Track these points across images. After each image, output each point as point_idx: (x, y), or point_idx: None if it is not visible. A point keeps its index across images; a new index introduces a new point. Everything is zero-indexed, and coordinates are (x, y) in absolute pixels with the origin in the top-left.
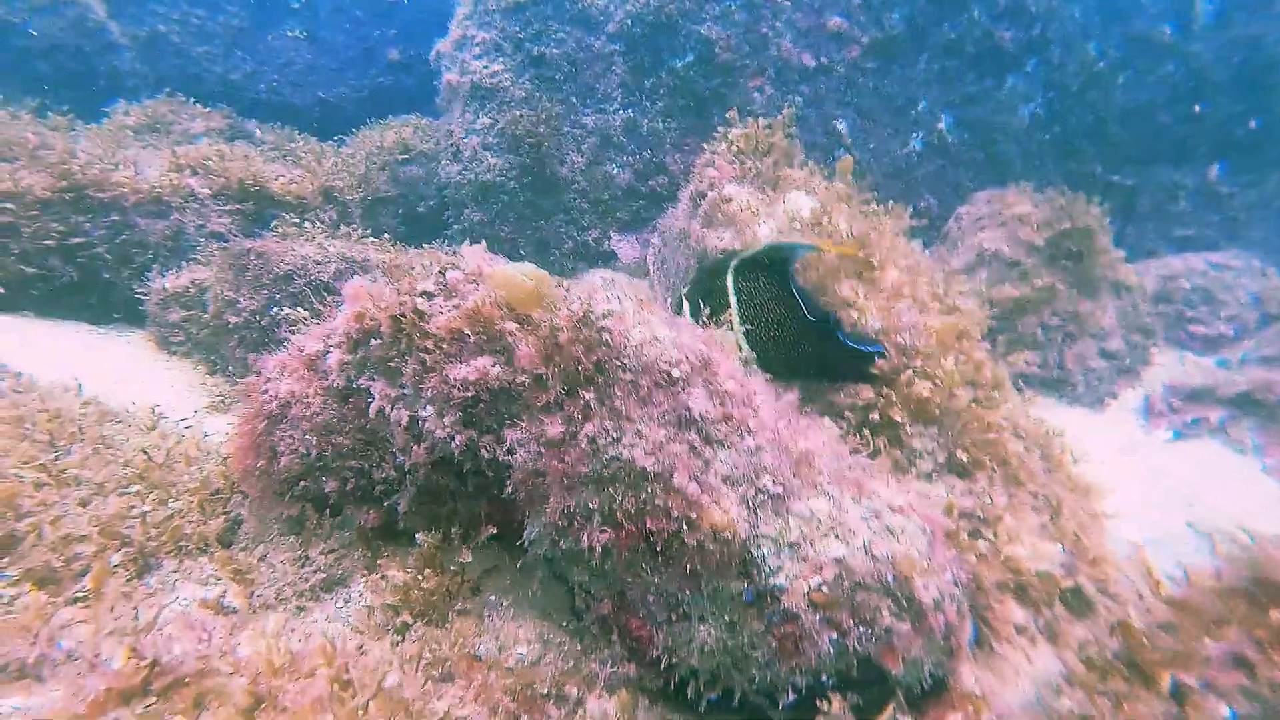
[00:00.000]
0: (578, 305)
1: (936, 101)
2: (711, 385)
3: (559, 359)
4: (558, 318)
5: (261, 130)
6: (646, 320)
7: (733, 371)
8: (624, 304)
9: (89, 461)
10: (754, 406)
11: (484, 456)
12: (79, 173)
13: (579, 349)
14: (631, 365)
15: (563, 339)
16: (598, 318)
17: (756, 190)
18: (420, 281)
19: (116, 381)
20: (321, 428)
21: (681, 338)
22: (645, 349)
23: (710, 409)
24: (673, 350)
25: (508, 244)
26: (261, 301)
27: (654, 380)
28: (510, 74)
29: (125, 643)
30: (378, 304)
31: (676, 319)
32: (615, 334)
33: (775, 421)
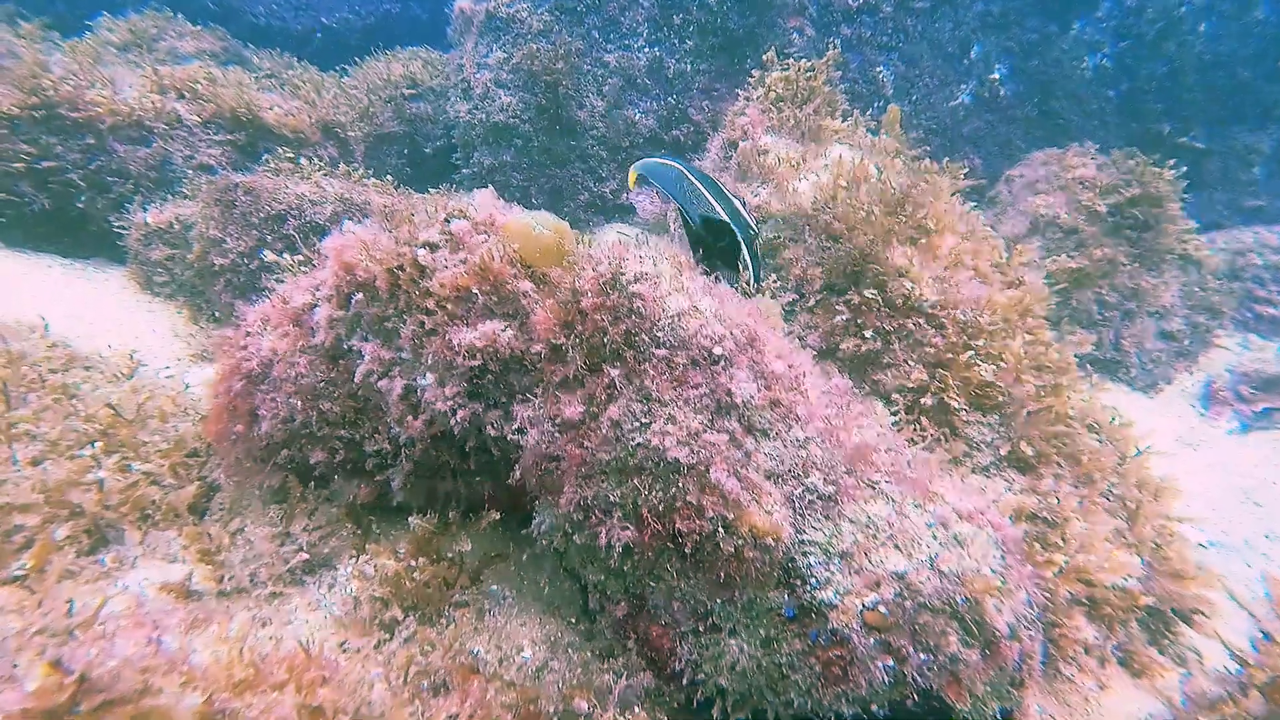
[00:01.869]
0: (605, 266)
1: (992, 48)
2: (757, 365)
3: (581, 328)
4: (581, 279)
5: (259, 56)
6: (684, 287)
7: (781, 349)
8: (659, 266)
9: (45, 415)
10: (803, 390)
11: (490, 434)
12: (50, 89)
13: (605, 317)
14: (666, 339)
15: (586, 304)
16: (628, 281)
17: (794, 141)
18: (422, 230)
19: (92, 323)
20: (308, 391)
21: (726, 309)
22: (683, 321)
23: (754, 393)
24: (715, 324)
25: (519, 192)
26: (251, 243)
27: (691, 358)
28: (528, 3)
29: (49, 651)
30: (372, 254)
31: (717, 286)
32: (648, 301)
33: (825, 408)
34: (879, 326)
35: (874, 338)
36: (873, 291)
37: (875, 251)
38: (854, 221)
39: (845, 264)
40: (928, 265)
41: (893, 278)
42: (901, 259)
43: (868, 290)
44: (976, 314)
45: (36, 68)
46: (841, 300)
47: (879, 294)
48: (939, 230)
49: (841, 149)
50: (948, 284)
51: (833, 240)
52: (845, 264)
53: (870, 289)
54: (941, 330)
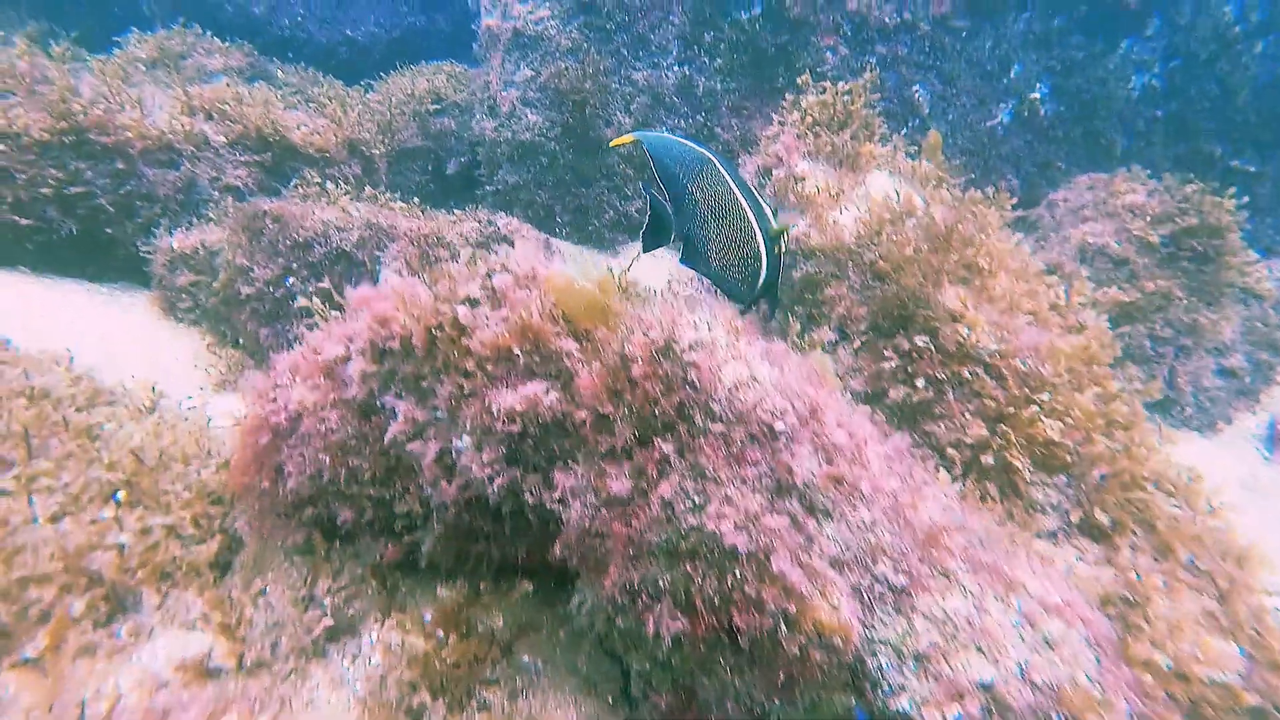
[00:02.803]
0: (658, 332)
1: (1033, 67)
2: (818, 438)
3: (630, 397)
4: (631, 344)
5: (284, 71)
6: (742, 354)
7: (841, 415)
8: (714, 331)
9: (68, 462)
10: (865, 462)
11: (528, 500)
12: (80, 113)
13: (656, 387)
14: (723, 413)
15: (636, 372)
16: (682, 350)
17: (832, 168)
18: (462, 285)
19: (116, 350)
20: (337, 447)
21: (786, 379)
22: (741, 393)
23: (816, 470)
24: (776, 396)
25: (543, 210)
26: (276, 271)
27: (750, 433)
28: (557, 21)
29: None
30: (410, 310)
31: (774, 347)
32: (704, 372)
33: (888, 478)
34: (931, 375)
35: (926, 387)
36: (924, 339)
37: (925, 294)
38: (900, 260)
39: (893, 306)
40: (981, 308)
41: (945, 322)
42: (954, 302)
43: (919, 337)
44: (1038, 364)
45: (67, 92)
46: (890, 345)
47: (931, 341)
48: (992, 270)
49: (881, 176)
50: (1005, 330)
51: (878, 279)
52: (893, 306)
53: (921, 336)
54: (1001, 381)
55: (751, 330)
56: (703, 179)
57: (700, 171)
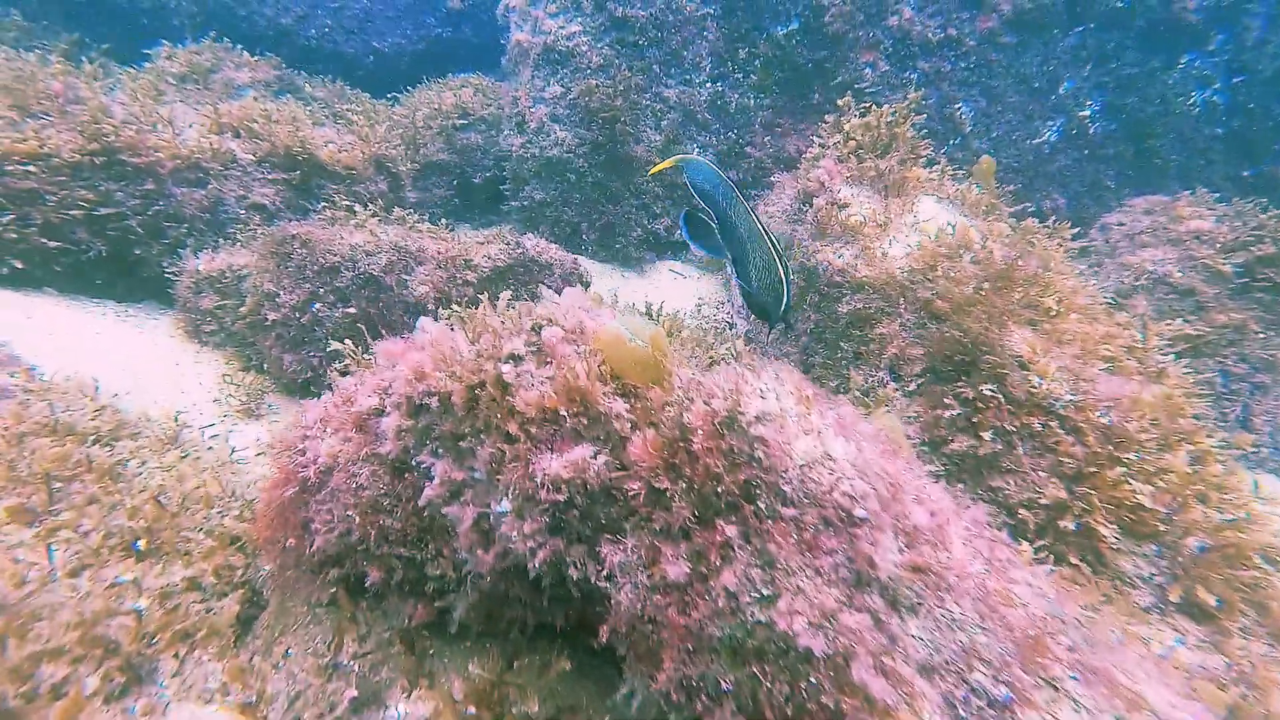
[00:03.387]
0: (720, 401)
1: (1085, 83)
2: (900, 522)
3: (690, 472)
4: (690, 414)
5: (311, 85)
6: (814, 428)
7: (919, 489)
8: (783, 402)
9: (90, 509)
10: (948, 544)
11: (572, 575)
12: (112, 134)
13: (719, 462)
14: (795, 495)
15: (697, 445)
16: (748, 422)
17: (876, 195)
18: (506, 340)
19: (141, 373)
20: (368, 505)
21: (864, 457)
22: (814, 473)
23: (899, 559)
24: (855, 478)
25: (570, 228)
26: (303, 296)
27: (824, 517)
28: (588, 37)
29: None
30: (450, 366)
31: (844, 414)
32: (773, 448)
33: (973, 561)
34: (999, 426)
35: (994, 439)
36: (991, 387)
37: (990, 338)
38: (961, 300)
39: (953, 349)
40: (1052, 354)
41: (1012, 369)
42: (1021, 346)
43: (985, 385)
44: (1121, 418)
45: (99, 113)
46: (950, 392)
47: (998, 389)
48: (1061, 311)
49: (929, 203)
50: (1080, 378)
51: (934, 319)
52: (953, 349)
53: (988, 384)
54: (1079, 436)
55: (821, 398)
56: (736, 206)
57: (735, 199)
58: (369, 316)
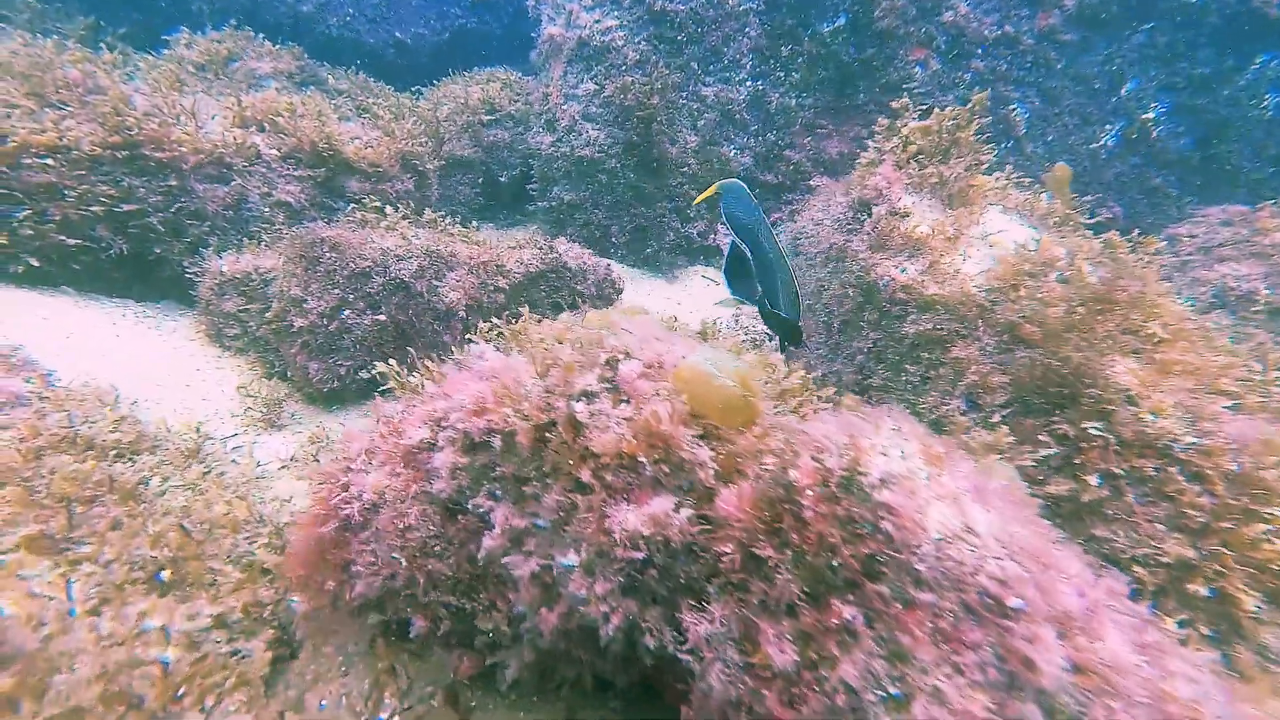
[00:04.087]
0: (835, 458)
1: (1149, 84)
2: (1053, 607)
3: (798, 538)
4: (798, 470)
5: (334, 76)
6: (950, 494)
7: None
8: (910, 461)
9: (112, 537)
10: (1103, 632)
11: (647, 644)
12: (135, 127)
13: (834, 531)
14: (930, 575)
15: (809, 512)
16: (871, 484)
17: (938, 203)
18: (579, 376)
19: (161, 382)
20: (416, 548)
21: (1010, 529)
22: (954, 550)
23: (1062, 659)
24: (1004, 557)
25: (599, 230)
26: (332, 302)
27: (966, 603)
28: (625, 32)
29: None
30: (516, 403)
31: (980, 477)
32: (903, 518)
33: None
34: (1104, 469)
35: (1100, 484)
36: (1099, 425)
37: (1092, 369)
38: (1053, 325)
39: (1048, 380)
40: (1162, 386)
41: (1119, 404)
42: (1127, 378)
43: (1090, 423)
44: (1255, 465)
45: (120, 104)
46: (1045, 427)
47: (1106, 428)
48: (1170, 338)
49: (996, 214)
50: (1200, 416)
51: (1021, 344)
52: (1048, 380)
53: (1093, 421)
54: (1204, 484)
55: (952, 455)
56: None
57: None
58: (398, 324)
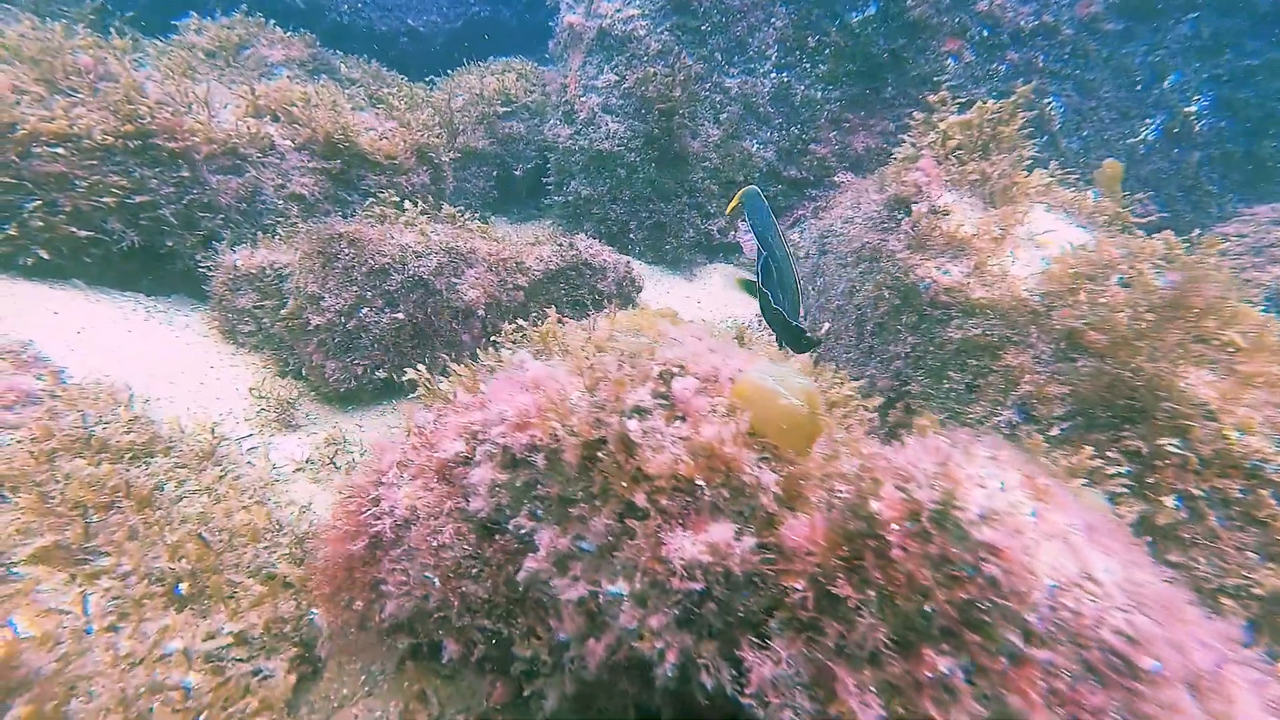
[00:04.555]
0: (925, 491)
1: (1193, 77)
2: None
3: (881, 578)
4: (880, 501)
5: (347, 65)
6: (1060, 533)
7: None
8: (1011, 495)
9: (129, 547)
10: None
11: (704, 683)
12: (147, 115)
13: (926, 571)
14: (1043, 629)
15: (896, 550)
16: (969, 521)
17: (978, 201)
18: (630, 390)
19: (174, 380)
20: (450, 567)
21: (1135, 576)
22: (1069, 599)
23: None
24: (1131, 610)
25: (617, 226)
26: (350, 300)
27: (1088, 662)
28: (647, 21)
29: None
30: (562, 417)
31: (1092, 516)
32: (1009, 559)
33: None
34: (1184, 490)
35: (1178, 506)
36: (1176, 442)
37: (1165, 380)
38: (1121, 332)
39: (1115, 392)
40: (1245, 401)
41: (1197, 419)
42: (1206, 391)
43: (1165, 439)
44: None
45: (133, 91)
46: (1114, 443)
47: (1183, 444)
48: (1253, 347)
49: (1041, 213)
50: None
51: (1082, 353)
52: (1115, 392)
53: (1170, 437)
54: None
55: (1059, 488)
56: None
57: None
58: (416, 323)
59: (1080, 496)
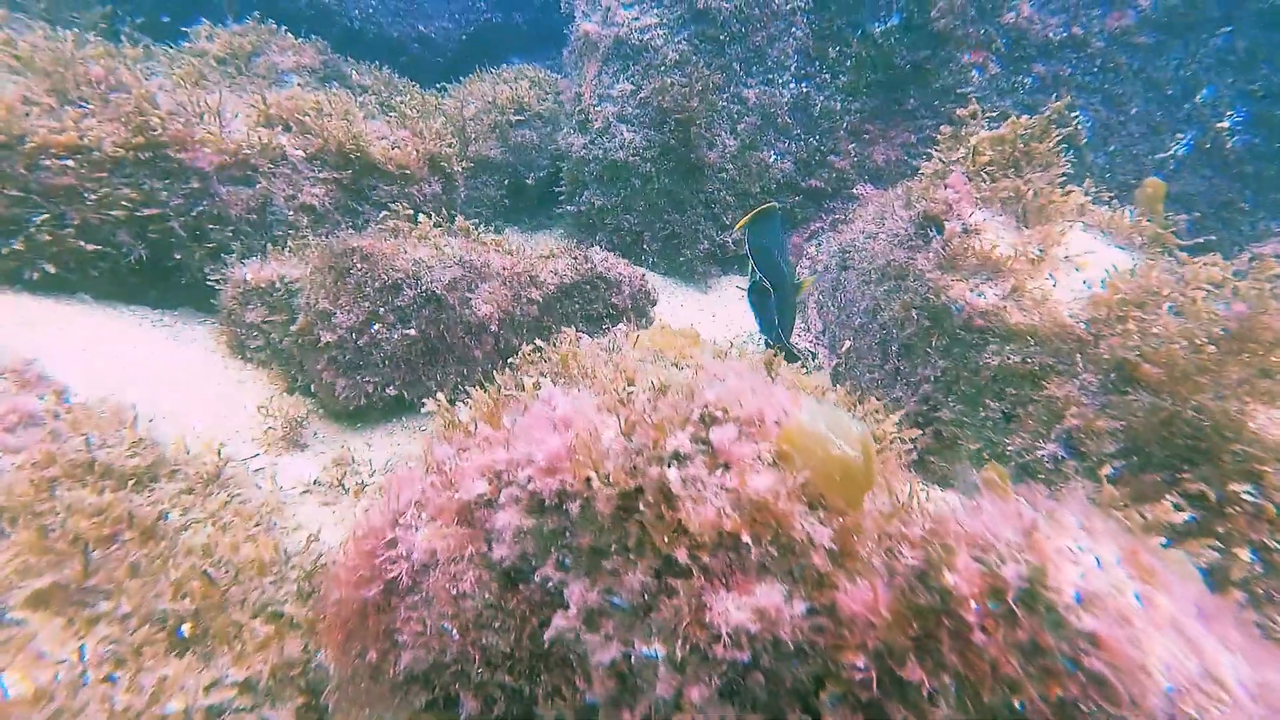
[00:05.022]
0: (1011, 567)
1: (1226, 91)
2: None
3: (956, 662)
4: (954, 572)
5: (359, 72)
6: (1171, 620)
7: None
8: (1111, 574)
9: (130, 587)
10: None
11: None
12: (159, 126)
13: (1013, 661)
14: None
15: (973, 630)
16: (1063, 603)
17: (1010, 219)
18: (669, 434)
19: (180, 398)
20: (471, 618)
21: (1266, 676)
22: (1192, 709)
23: None
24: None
25: (630, 236)
26: (362, 316)
27: None
28: (665, 30)
29: None
30: (595, 461)
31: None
32: (1113, 652)
33: None
34: (1258, 542)
35: (1254, 559)
36: (1250, 490)
37: (1233, 419)
38: (1183, 367)
39: (1174, 430)
40: None
41: (1271, 464)
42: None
43: (1238, 485)
44: None
45: (144, 102)
46: (1174, 485)
47: (1258, 492)
48: None
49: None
50: None
51: (1135, 386)
52: (1174, 430)
53: (1241, 483)
54: None
55: (1160, 564)
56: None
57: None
58: (429, 339)
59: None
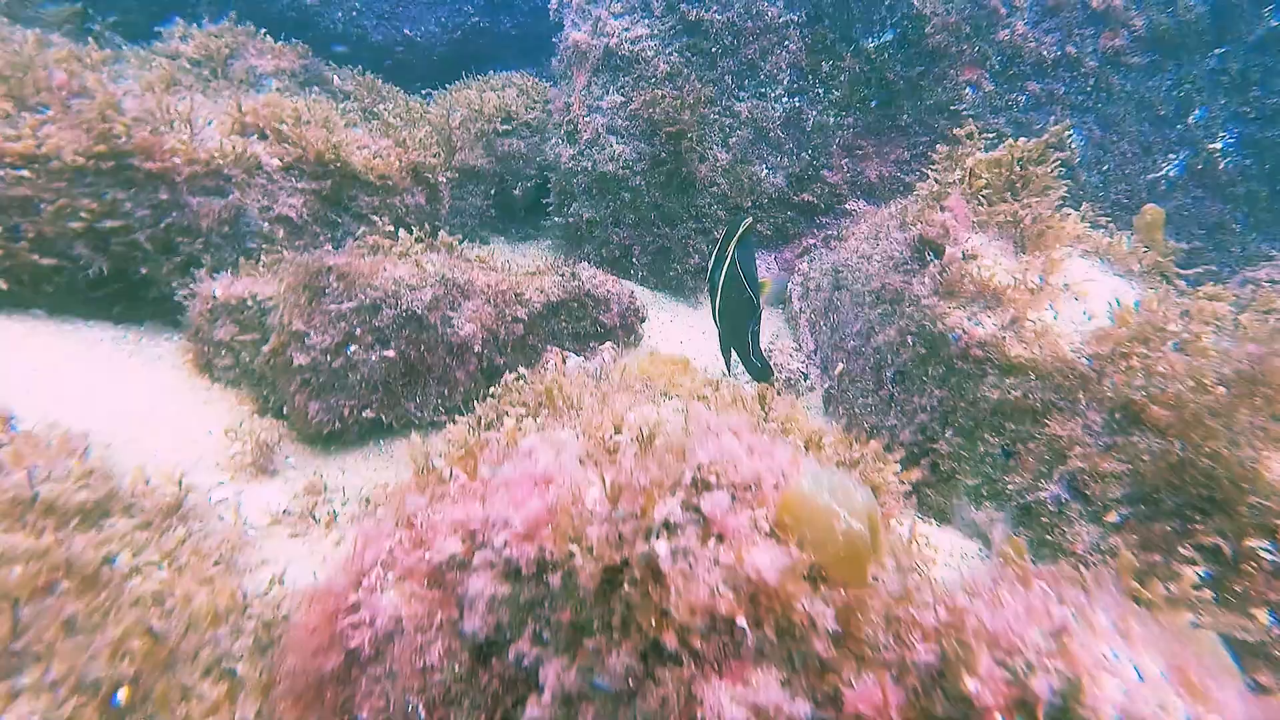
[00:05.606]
0: (1043, 679)
1: (1219, 112)
2: None
3: None
4: (976, 675)
5: (340, 76)
6: None
7: None
8: (1159, 692)
9: (61, 650)
10: None
11: None
12: (123, 134)
13: None
14: None
15: None
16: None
17: (1007, 243)
18: (658, 501)
19: (142, 421)
20: (439, 694)
21: None
22: None
23: None
24: None
25: (619, 250)
26: (337, 338)
27: None
28: (656, 41)
29: None
30: (578, 532)
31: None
32: None
33: None
34: (1275, 602)
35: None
36: (1268, 546)
37: (1248, 468)
38: (1193, 411)
39: (1185, 478)
40: None
41: None
42: None
43: (1256, 541)
44: None
45: (108, 109)
46: (1187, 537)
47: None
48: None
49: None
50: None
51: (1140, 428)
52: (1185, 478)
53: (1259, 539)
54: None
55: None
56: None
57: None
58: (409, 359)
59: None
